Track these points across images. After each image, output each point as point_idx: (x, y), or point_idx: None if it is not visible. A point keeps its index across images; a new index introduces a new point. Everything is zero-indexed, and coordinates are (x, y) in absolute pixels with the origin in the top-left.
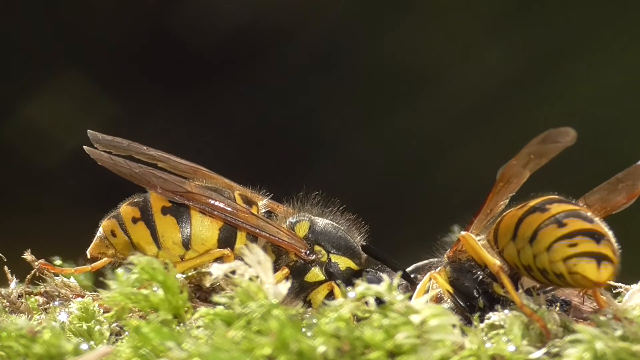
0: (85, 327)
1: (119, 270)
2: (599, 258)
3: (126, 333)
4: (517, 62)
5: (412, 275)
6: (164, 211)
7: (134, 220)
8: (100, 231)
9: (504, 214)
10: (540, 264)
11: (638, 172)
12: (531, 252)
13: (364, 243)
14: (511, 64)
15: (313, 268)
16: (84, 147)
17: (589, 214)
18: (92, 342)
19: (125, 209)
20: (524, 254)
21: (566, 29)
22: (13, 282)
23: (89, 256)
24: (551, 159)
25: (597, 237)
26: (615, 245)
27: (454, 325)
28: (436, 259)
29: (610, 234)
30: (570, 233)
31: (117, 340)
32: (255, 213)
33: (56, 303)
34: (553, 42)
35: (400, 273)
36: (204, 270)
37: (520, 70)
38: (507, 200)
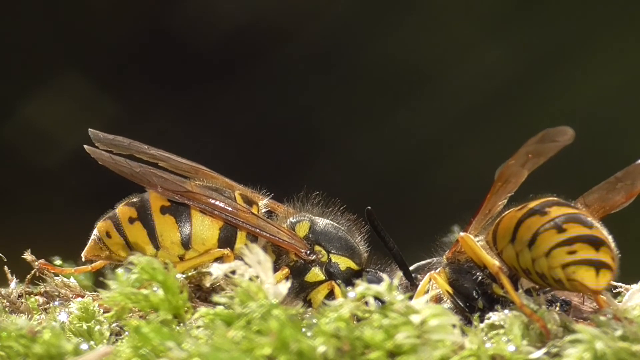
0: (85, 327)
1: (119, 270)
2: (598, 265)
3: (126, 333)
4: (517, 62)
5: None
6: (163, 210)
7: (131, 221)
8: (95, 233)
9: (503, 215)
10: (539, 269)
11: (637, 172)
12: (530, 256)
13: (369, 207)
14: (511, 64)
15: (313, 268)
16: (85, 146)
17: (588, 218)
18: (92, 342)
19: (122, 209)
20: (522, 258)
21: (566, 29)
22: (13, 282)
23: (83, 259)
24: (549, 158)
25: (596, 243)
26: (614, 250)
27: (454, 325)
28: (437, 259)
29: (609, 238)
30: (570, 239)
31: (117, 340)
32: (256, 213)
33: (56, 303)
34: (553, 42)
35: (400, 274)
36: (204, 270)
37: (520, 70)
38: (506, 201)
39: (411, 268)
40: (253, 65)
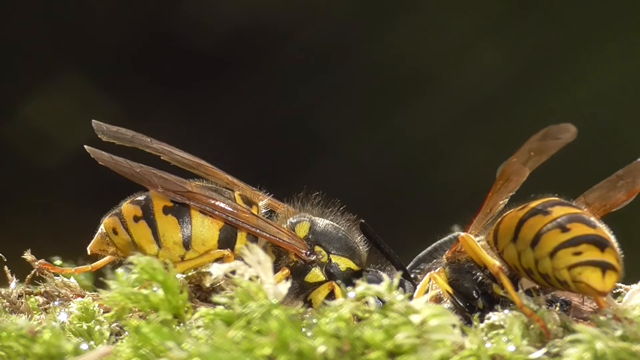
0: (85, 327)
1: (119, 270)
2: (604, 266)
3: (126, 333)
4: (517, 62)
5: (414, 270)
6: (165, 211)
7: (136, 219)
8: (101, 228)
9: (504, 214)
10: (543, 269)
11: (638, 169)
12: (533, 256)
13: (363, 220)
14: (511, 64)
15: (313, 269)
16: (85, 146)
17: (591, 218)
18: (92, 342)
19: (127, 207)
20: (525, 257)
21: (566, 29)
22: (13, 282)
23: (89, 252)
24: (551, 155)
25: (601, 244)
26: (618, 250)
27: (454, 325)
28: (438, 242)
29: (612, 238)
30: (574, 239)
31: (117, 340)
32: (256, 213)
33: (56, 303)
34: (553, 42)
35: (400, 273)
36: (204, 270)
37: (520, 70)
38: (507, 200)
39: (412, 262)
40: (253, 65)
